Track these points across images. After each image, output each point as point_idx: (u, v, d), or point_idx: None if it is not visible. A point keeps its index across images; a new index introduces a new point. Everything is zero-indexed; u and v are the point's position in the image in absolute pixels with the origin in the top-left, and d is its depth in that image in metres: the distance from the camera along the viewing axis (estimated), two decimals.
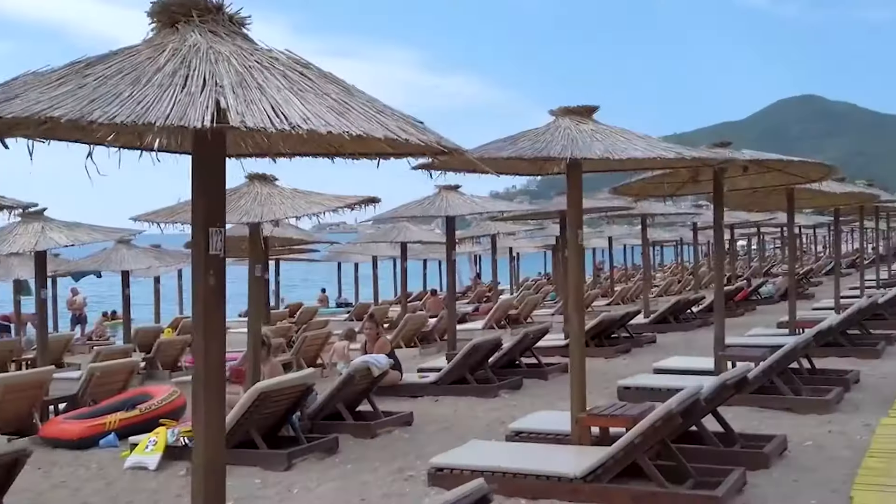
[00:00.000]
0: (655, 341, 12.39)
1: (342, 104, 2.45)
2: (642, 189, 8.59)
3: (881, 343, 9.73)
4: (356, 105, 2.50)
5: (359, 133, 2.30)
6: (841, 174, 8.03)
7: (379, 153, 3.59)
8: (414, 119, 2.87)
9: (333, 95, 2.50)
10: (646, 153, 4.70)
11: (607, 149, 4.66)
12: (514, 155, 4.72)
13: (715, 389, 5.18)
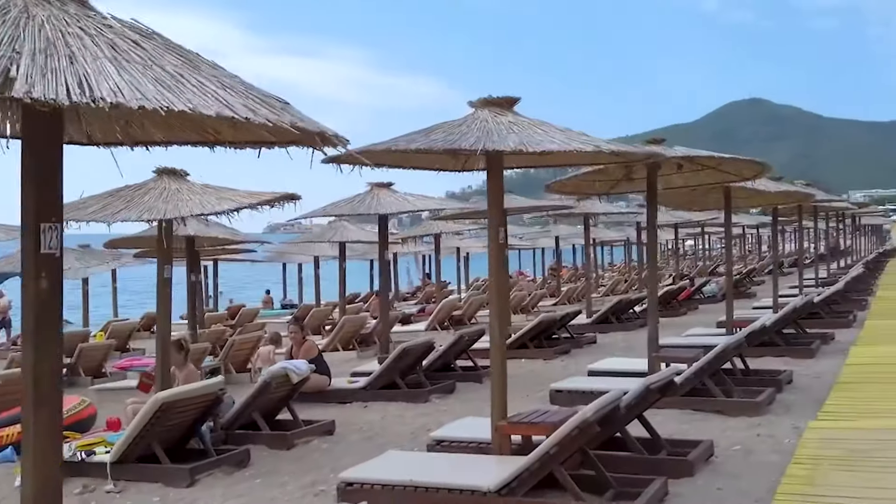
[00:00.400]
0: (596, 342, 12.25)
1: (175, 77, 2.10)
2: (576, 186, 8.39)
3: (816, 342, 9.72)
4: (195, 79, 2.15)
5: (183, 108, 1.96)
6: (774, 172, 7.93)
7: (259, 141, 3.23)
8: (278, 99, 2.52)
9: (169, 68, 2.15)
10: (562, 146, 4.43)
11: (522, 141, 4.39)
12: (424, 147, 4.41)
13: (638, 395, 4.96)
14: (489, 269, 5.34)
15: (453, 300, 16.15)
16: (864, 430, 5.30)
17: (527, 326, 11.08)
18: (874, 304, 14.68)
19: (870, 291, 17.56)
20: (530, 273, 40.22)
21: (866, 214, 34.76)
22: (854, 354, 8.78)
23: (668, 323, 15.32)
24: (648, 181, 7.75)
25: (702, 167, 8.12)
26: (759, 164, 7.57)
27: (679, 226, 22.88)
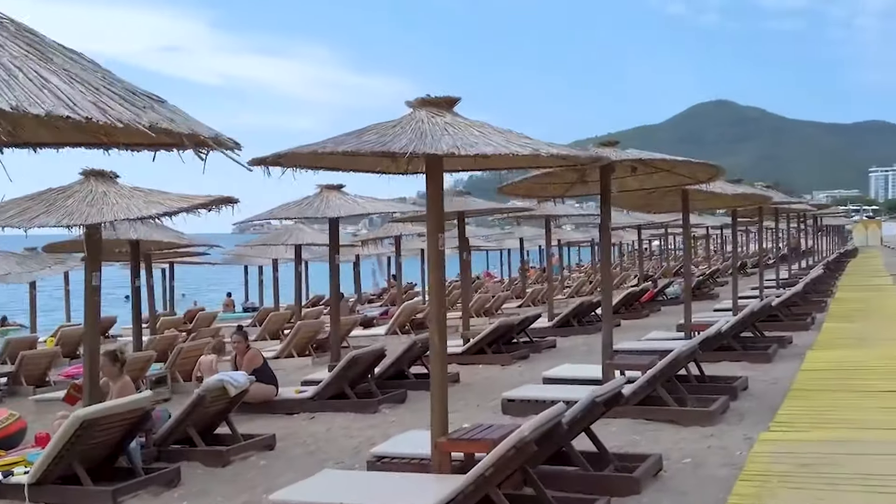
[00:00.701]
0: (556, 346, 12.07)
1: (9, 70, 1.81)
2: (529, 189, 8.18)
3: (773, 346, 9.63)
4: (35, 72, 1.86)
5: None
6: (732, 174, 7.80)
7: (151, 143, 2.95)
8: (151, 96, 2.23)
9: (5, 59, 1.86)
10: (499, 149, 4.19)
11: (456, 143, 4.14)
12: (352, 150, 4.14)
13: (583, 409, 4.74)
14: (428, 278, 5.09)
15: (414, 303, 15.88)
16: (815, 442, 5.16)
17: (484, 332, 10.86)
18: (833, 306, 14.73)
19: (829, 293, 17.68)
20: (498, 274, 40.19)
21: (827, 215, 35.20)
22: (810, 359, 8.70)
23: (631, 325, 15.26)
24: (601, 184, 7.57)
25: (656, 170, 7.97)
26: (714, 168, 7.43)
27: (643, 227, 22.86)
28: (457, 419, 7.51)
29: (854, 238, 58.94)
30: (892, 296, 16.30)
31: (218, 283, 42.51)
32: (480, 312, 18.69)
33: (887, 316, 12.48)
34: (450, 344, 11.95)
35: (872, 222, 66.11)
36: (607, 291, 7.82)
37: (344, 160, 5.38)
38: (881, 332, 10.38)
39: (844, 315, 12.95)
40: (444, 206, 12.70)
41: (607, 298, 7.78)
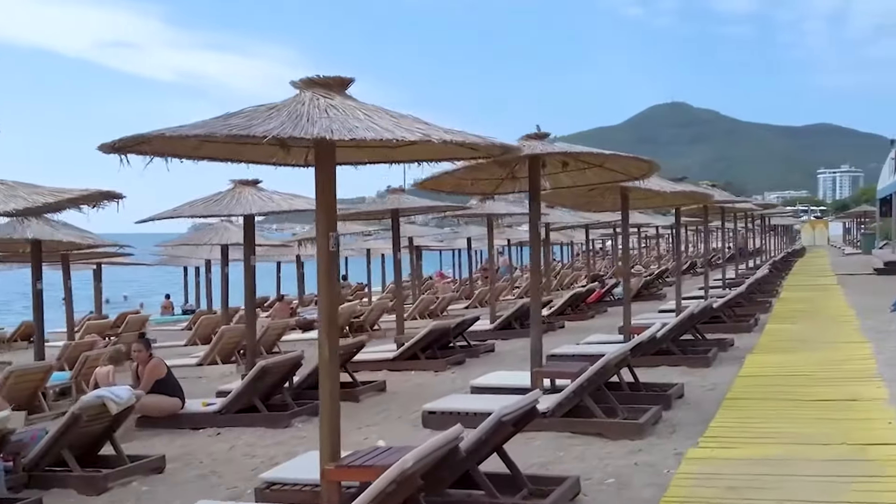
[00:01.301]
0: (494, 350, 11.58)
1: None
2: (456, 185, 7.65)
3: (713, 350, 9.28)
4: None
5: None
6: (658, 170, 7.38)
7: None
8: None
9: None
10: (380, 134, 3.63)
11: (331, 128, 3.57)
12: (204, 134, 3.53)
13: (488, 431, 4.23)
14: (318, 282, 4.51)
15: (352, 305, 15.25)
16: (745, 460, 4.73)
17: (416, 336, 10.31)
18: (777, 306, 14.56)
19: (775, 292, 17.59)
20: (451, 274, 39.74)
21: (775, 215, 35.57)
22: (749, 364, 8.36)
23: (575, 327, 14.88)
24: (530, 179, 7.09)
25: (588, 165, 7.51)
26: (646, 163, 7.00)
27: (591, 226, 22.57)
28: (374, 434, 6.98)
29: (802, 238, 60.03)
30: (835, 295, 16.23)
31: (169, 285, 41.20)
32: (425, 314, 18.17)
33: (830, 317, 12.29)
34: (382, 349, 11.46)
35: (820, 222, 67.45)
36: (536, 295, 7.34)
37: (229, 149, 4.77)
38: (822, 335, 10.14)
39: (788, 316, 12.75)
40: (380, 204, 12.06)
41: (536, 302, 7.30)
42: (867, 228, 44.75)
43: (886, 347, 8.50)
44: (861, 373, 7.17)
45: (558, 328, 14.30)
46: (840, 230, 61.59)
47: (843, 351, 8.57)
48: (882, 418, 5.39)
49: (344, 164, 5.26)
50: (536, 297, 7.31)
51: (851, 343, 9.10)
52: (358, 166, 5.37)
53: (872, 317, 11.72)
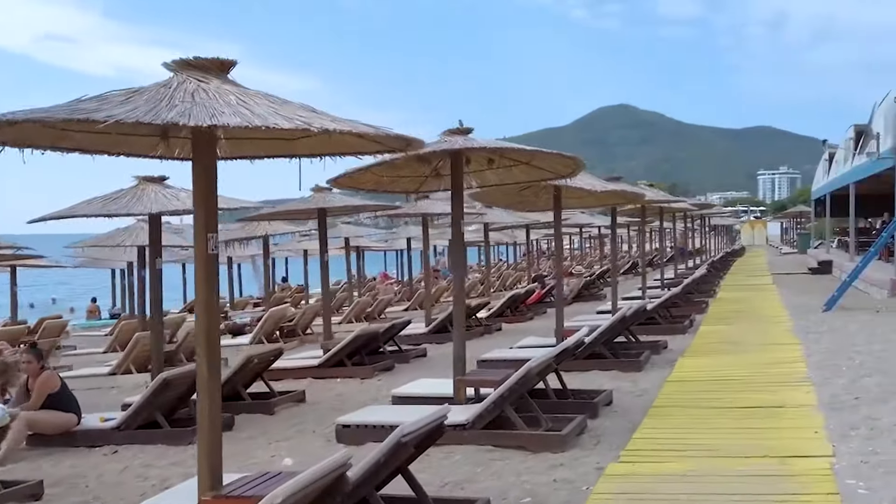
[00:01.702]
0: (426, 355, 11.18)
1: None
2: (377, 183, 7.22)
3: (645, 353, 9.06)
4: None
5: None
6: (584, 167, 7.08)
7: None
8: None
9: None
10: (249, 121, 3.18)
11: (187, 112, 3.10)
12: (37, 119, 3.02)
13: (386, 453, 3.81)
14: (196, 288, 4.02)
15: (283, 309, 14.66)
16: (664, 477, 4.42)
17: (342, 342, 9.84)
18: (713, 307, 14.54)
19: (712, 292, 17.66)
20: (395, 275, 39.23)
21: (714, 215, 36.13)
22: (679, 368, 8.15)
23: (513, 330, 14.60)
24: (452, 176, 6.72)
25: (514, 162, 7.18)
26: (572, 160, 6.70)
27: (531, 226, 22.39)
28: (285, 450, 6.50)
29: (742, 237, 61.41)
30: (770, 295, 16.35)
31: (102, 289, 39.64)
32: (361, 317, 17.67)
33: (763, 317, 12.27)
34: (308, 356, 10.96)
35: (759, 222, 69.15)
36: (459, 299, 6.96)
37: (106, 141, 4.25)
38: (755, 336, 10.04)
39: (722, 317, 12.69)
40: (307, 203, 11.52)
41: (459, 307, 6.92)
42: (803, 228, 45.93)
43: (817, 349, 8.40)
44: (790, 376, 7.01)
45: (495, 331, 13.99)
46: (778, 230, 63.23)
47: (774, 353, 8.44)
48: (808, 426, 5.17)
49: (233, 159, 4.80)
50: (460, 302, 6.93)
51: (782, 345, 9.00)
52: (254, 160, 4.91)
53: (805, 317, 11.73)
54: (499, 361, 9.21)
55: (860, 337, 9.06)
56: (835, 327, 10.14)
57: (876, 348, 8.18)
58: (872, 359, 7.55)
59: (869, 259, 12.60)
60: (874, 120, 14.38)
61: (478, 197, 9.73)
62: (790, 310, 12.92)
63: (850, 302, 13.12)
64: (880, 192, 23.98)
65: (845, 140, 19.36)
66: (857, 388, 6.22)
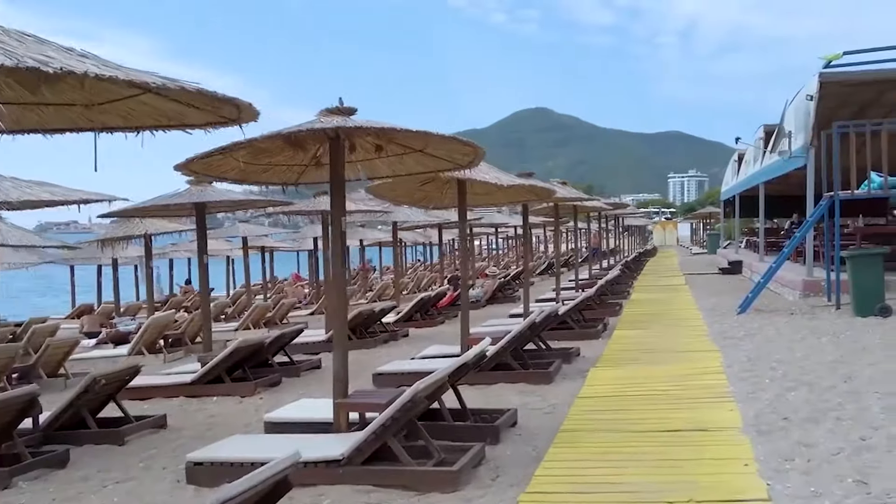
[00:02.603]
0: (320, 366, 10.10)
1: None
2: (242, 172, 6.13)
3: (556, 363, 8.29)
4: None
5: None
6: (483, 155, 6.20)
7: None
8: None
9: None
10: None
11: None
12: None
13: None
14: None
15: (166, 316, 13.25)
16: None
17: (220, 354, 8.66)
18: (627, 309, 14.04)
19: (626, 294, 17.26)
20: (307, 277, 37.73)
21: (628, 215, 36.35)
22: (591, 380, 7.40)
23: (421, 336, 13.67)
24: (331, 164, 5.71)
25: (406, 150, 6.23)
26: (470, 147, 5.81)
27: (444, 225, 21.57)
28: (122, 493, 5.35)
29: (654, 238, 62.71)
30: (684, 296, 16.04)
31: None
32: (260, 323, 16.38)
33: (678, 320, 11.78)
34: (186, 370, 9.71)
35: (670, 223, 70.89)
36: (341, 310, 5.95)
37: None
38: (670, 342, 9.45)
39: (636, 320, 12.15)
40: (182, 197, 10.23)
41: (341, 321, 5.92)
42: (712, 229, 47.06)
43: (736, 357, 7.83)
44: (711, 390, 6.34)
45: (402, 337, 13.03)
46: (688, 231, 64.94)
47: (692, 363, 7.82)
48: (737, 457, 4.43)
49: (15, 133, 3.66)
50: (341, 311, 5.92)
51: (700, 352, 8.40)
52: (47, 135, 3.78)
53: (720, 320, 11.30)
54: (396, 375, 8.27)
55: (779, 343, 8.57)
56: (752, 332, 9.68)
57: (797, 356, 7.66)
58: (795, 368, 7.00)
59: (782, 260, 12.32)
60: (785, 118, 14.22)
61: (375, 191, 8.75)
62: (704, 312, 12.51)
63: (763, 303, 12.84)
64: (788, 192, 24.41)
65: (755, 140, 19.39)
66: (784, 406, 5.58)
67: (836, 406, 5.42)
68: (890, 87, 14.01)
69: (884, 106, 14.88)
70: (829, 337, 8.76)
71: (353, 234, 22.92)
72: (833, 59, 11.72)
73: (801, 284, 13.46)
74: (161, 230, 13.43)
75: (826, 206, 11.61)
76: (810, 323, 10.10)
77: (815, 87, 12.68)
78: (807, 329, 9.54)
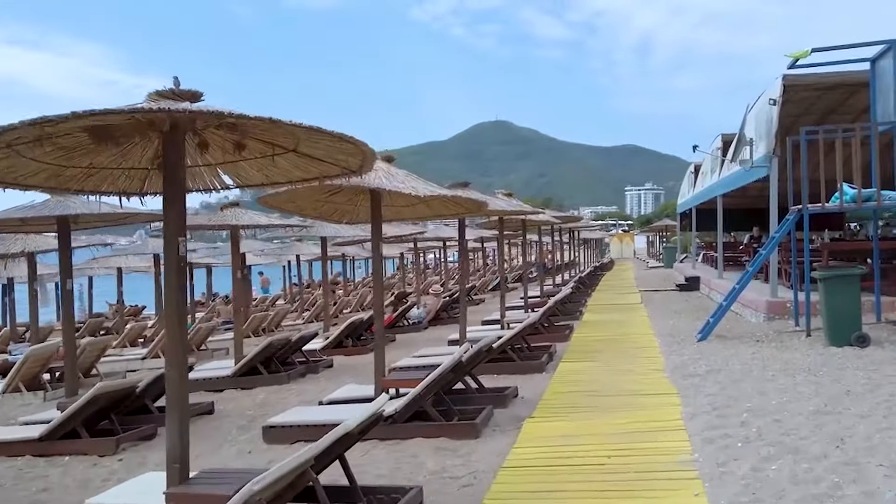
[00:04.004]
0: (212, 411, 8.50)
1: None
2: (53, 176, 4.58)
3: (486, 411, 6.86)
4: None
5: None
6: (374, 156, 4.78)
7: None
8: None
9: None
10: None
11: None
12: None
13: None
14: None
15: (47, 347, 11.46)
16: None
17: (76, 404, 7.03)
18: (577, 333, 12.72)
19: (578, 314, 15.98)
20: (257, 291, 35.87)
21: (584, 228, 35.34)
22: (524, 438, 5.99)
23: (347, 365, 12.10)
24: (165, 162, 4.23)
25: (275, 149, 4.76)
26: (356, 146, 4.36)
27: (387, 240, 20.03)
28: None
29: (611, 250, 62.20)
30: (639, 317, 14.80)
31: None
32: None
33: (632, 349, 10.46)
34: (38, 419, 8.05)
35: (626, 235, 70.62)
36: (177, 350, 4.42)
37: None
38: (621, 381, 8.10)
39: (586, 349, 10.81)
40: (47, 208, 8.54)
41: (177, 363, 4.39)
42: (668, 242, 46.44)
43: (698, 406, 6.48)
44: (669, 459, 4.97)
45: (323, 369, 11.46)
46: (644, 243, 64.72)
47: (646, 411, 6.46)
48: None
49: None
50: (178, 359, 4.39)
51: (655, 396, 7.05)
52: None
53: (679, 349, 10.02)
54: (290, 429, 6.75)
55: (748, 383, 7.27)
56: (715, 366, 8.39)
57: (772, 402, 6.35)
58: (771, 423, 5.68)
59: (746, 280, 11.13)
60: (746, 124, 13.12)
61: (268, 203, 7.24)
62: (661, 338, 11.25)
63: (725, 327, 11.64)
64: (746, 205, 23.54)
65: (713, 150, 18.36)
66: (766, 488, 4.22)
67: (832, 488, 4.09)
68: (855, 91, 13.05)
69: (849, 112, 13.94)
70: (805, 375, 7.51)
71: (288, 249, 21.31)
72: (801, 56, 10.64)
73: (764, 305, 12.32)
74: (45, 247, 11.66)
75: (794, 220, 10.46)
76: (780, 355, 8.86)
77: (778, 91, 11.59)
78: (777, 363, 8.29)
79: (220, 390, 9.92)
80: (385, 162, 7.32)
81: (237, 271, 11.02)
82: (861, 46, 10.55)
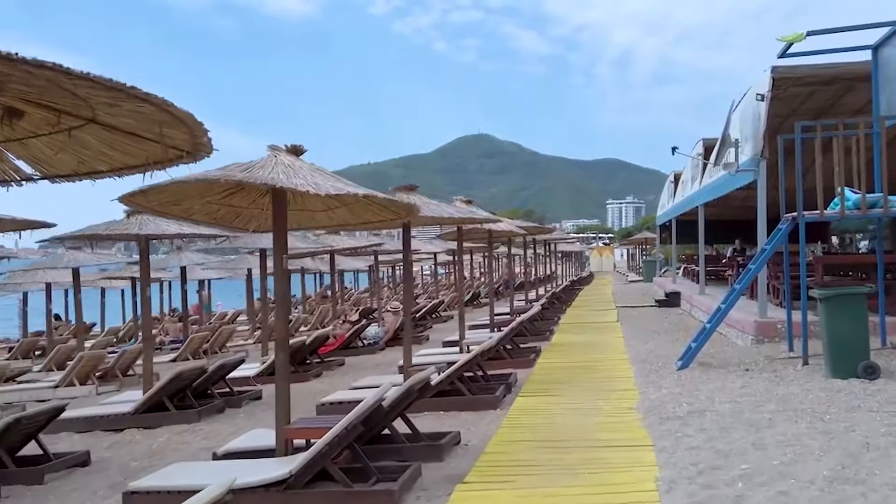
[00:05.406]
0: (86, 464, 6.93)
1: None
2: None
3: (411, 469, 5.38)
4: None
5: None
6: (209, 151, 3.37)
7: None
8: None
9: None
10: None
11: None
12: None
13: None
14: None
15: None
16: None
17: None
18: (542, 358, 11.30)
19: (547, 334, 14.57)
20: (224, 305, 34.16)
21: (562, 241, 34.07)
22: (459, 494, 4.51)
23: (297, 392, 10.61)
24: None
25: (60, 118, 3.29)
26: (158, 106, 2.90)
27: (339, 252, 18.54)
28: None
29: (591, 263, 61.15)
30: (614, 339, 13.40)
31: None
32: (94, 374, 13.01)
33: (602, 381, 9.02)
34: None
35: (606, 248, 69.71)
36: None
37: None
38: (583, 423, 6.67)
39: (550, 379, 9.37)
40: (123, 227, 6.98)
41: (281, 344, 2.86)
42: (649, 255, 45.34)
43: (680, 467, 5.03)
44: None
45: (246, 402, 9.85)
46: (624, 256, 63.84)
47: (612, 475, 5.01)
48: None
49: None
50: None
51: (626, 451, 5.58)
52: None
53: (656, 379, 8.61)
54: (154, 496, 5.23)
55: (740, 431, 5.85)
56: (698, 405, 6.96)
57: (773, 464, 4.92)
58: (776, 498, 4.25)
59: (733, 300, 9.76)
60: (730, 125, 11.82)
61: (135, 202, 5.72)
62: (637, 365, 9.84)
63: (709, 351, 10.27)
64: (728, 216, 22.32)
65: (694, 155, 17.10)
66: None
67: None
68: (850, 88, 11.82)
69: (842, 113, 12.71)
70: (810, 419, 6.10)
71: (241, 262, 19.85)
72: (795, 40, 9.36)
73: (753, 327, 10.97)
74: None
75: (787, 229, 9.12)
76: (776, 389, 7.47)
77: (766, 84, 10.31)
78: (773, 402, 6.88)
79: (120, 429, 8.36)
80: (291, 154, 5.88)
81: (146, 288, 9.48)
82: (861, 29, 9.33)
